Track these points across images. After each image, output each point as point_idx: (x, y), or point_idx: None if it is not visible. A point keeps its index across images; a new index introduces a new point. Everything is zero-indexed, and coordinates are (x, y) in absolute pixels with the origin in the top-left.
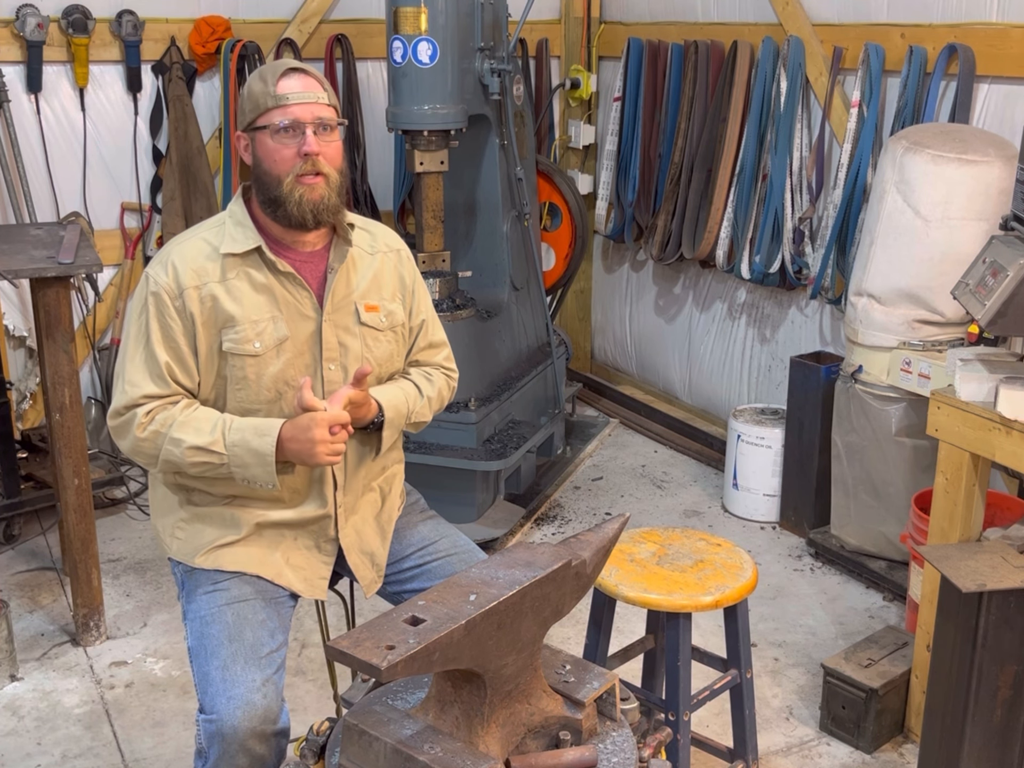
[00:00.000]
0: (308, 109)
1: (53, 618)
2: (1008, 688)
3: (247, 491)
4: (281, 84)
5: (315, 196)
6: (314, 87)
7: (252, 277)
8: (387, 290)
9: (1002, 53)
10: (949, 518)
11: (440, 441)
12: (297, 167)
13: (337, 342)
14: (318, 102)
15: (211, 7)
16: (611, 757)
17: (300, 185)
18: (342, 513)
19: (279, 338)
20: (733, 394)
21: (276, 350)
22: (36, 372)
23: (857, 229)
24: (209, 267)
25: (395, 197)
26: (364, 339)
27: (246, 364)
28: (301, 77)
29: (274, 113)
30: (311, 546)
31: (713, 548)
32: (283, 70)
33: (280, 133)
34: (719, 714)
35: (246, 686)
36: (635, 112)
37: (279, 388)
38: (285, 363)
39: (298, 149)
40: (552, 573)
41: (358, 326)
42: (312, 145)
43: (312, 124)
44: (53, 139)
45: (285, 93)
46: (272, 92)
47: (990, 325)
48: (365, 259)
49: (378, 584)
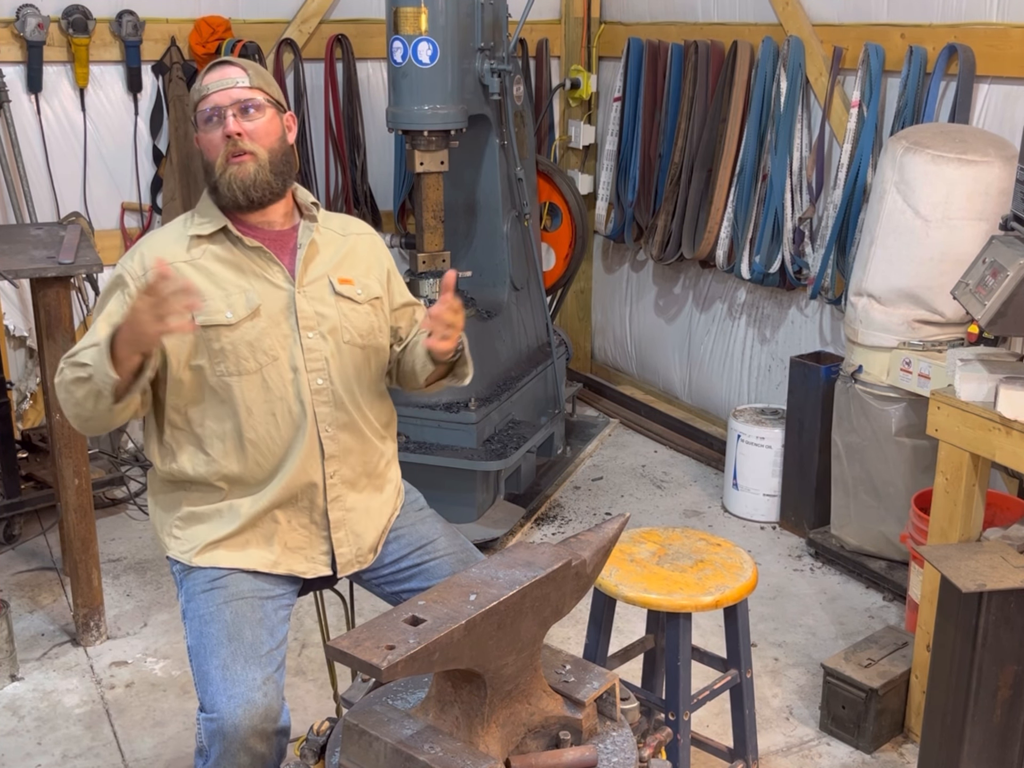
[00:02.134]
0: (226, 94)
1: (53, 618)
2: (1008, 688)
3: (236, 480)
4: (206, 78)
5: (243, 174)
6: (235, 74)
7: (219, 254)
8: (361, 266)
9: (1002, 53)
10: (949, 518)
11: (440, 441)
12: (224, 149)
13: (314, 311)
14: (236, 86)
15: (211, 7)
16: (611, 757)
17: (230, 166)
18: (333, 485)
19: (251, 307)
20: (733, 394)
21: (251, 321)
22: (36, 372)
23: (857, 229)
24: (176, 249)
25: (395, 197)
26: (341, 309)
27: (220, 335)
28: (225, 68)
29: (200, 105)
30: (306, 523)
31: (713, 548)
32: (209, 65)
33: (206, 123)
34: (719, 714)
35: (247, 684)
36: (635, 112)
37: (258, 359)
38: (260, 332)
39: (222, 132)
40: (552, 573)
41: (333, 296)
42: (230, 126)
43: (231, 107)
44: (53, 139)
45: (207, 84)
46: (198, 87)
47: (990, 325)
48: (336, 240)
49: (356, 567)
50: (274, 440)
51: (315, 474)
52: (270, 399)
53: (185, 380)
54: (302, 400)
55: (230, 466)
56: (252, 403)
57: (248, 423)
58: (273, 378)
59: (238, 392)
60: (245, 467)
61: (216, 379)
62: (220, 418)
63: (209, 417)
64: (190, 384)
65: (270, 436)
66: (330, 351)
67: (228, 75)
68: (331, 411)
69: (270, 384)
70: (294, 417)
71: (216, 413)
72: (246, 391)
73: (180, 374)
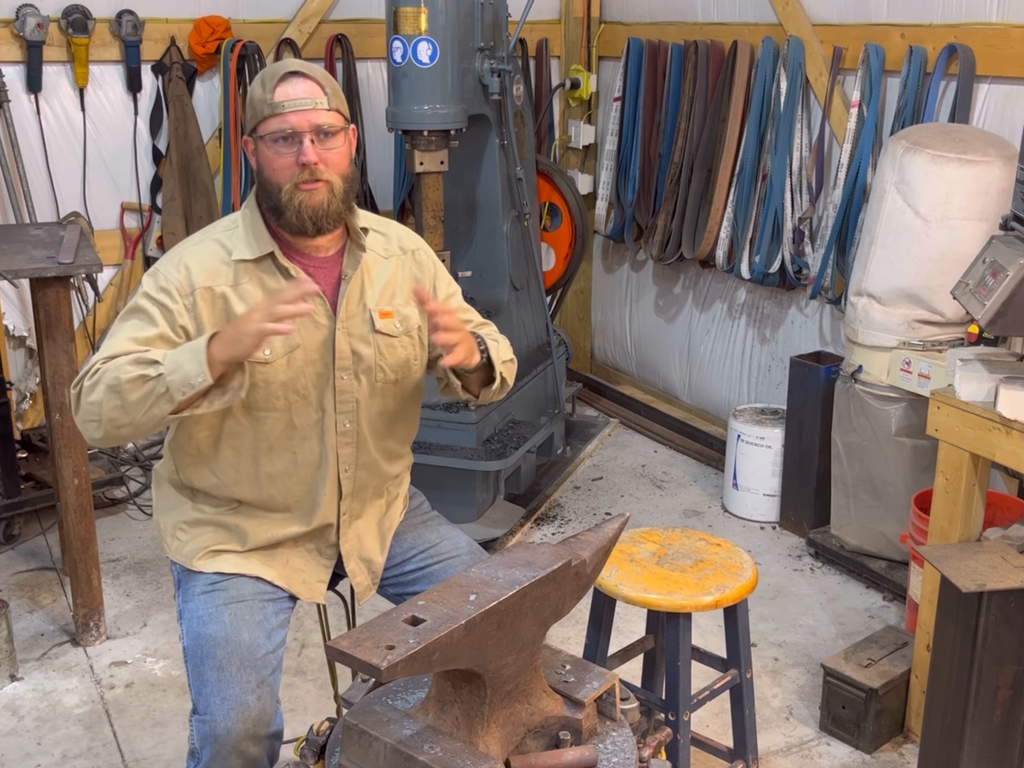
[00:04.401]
0: (304, 117)
1: (53, 618)
2: (1008, 688)
3: (248, 503)
4: (278, 91)
5: (314, 202)
6: (313, 92)
7: (264, 283)
8: (401, 295)
9: (1002, 53)
10: (949, 518)
11: (440, 441)
12: (295, 175)
13: (350, 350)
14: (316, 108)
15: (211, 7)
16: (611, 757)
17: (299, 192)
18: (346, 520)
19: (290, 346)
20: (733, 394)
21: (287, 359)
22: (36, 372)
23: (857, 229)
24: (222, 270)
25: (395, 197)
26: (378, 346)
27: (255, 370)
28: (300, 81)
29: (271, 122)
30: (312, 550)
31: (713, 548)
32: (281, 74)
33: (278, 143)
34: (719, 714)
35: (241, 687)
36: (635, 112)
37: (288, 397)
38: (296, 372)
39: (296, 158)
40: (552, 573)
41: (372, 334)
42: (309, 155)
43: (310, 132)
44: (53, 139)
45: (281, 100)
46: (269, 100)
47: (990, 325)
48: (379, 264)
49: (372, 591)
50: (291, 477)
51: (331, 515)
52: (293, 437)
53: None
54: (325, 443)
55: (242, 492)
56: (275, 440)
57: (267, 458)
58: (300, 418)
59: (262, 428)
60: (258, 496)
61: (242, 411)
62: (238, 450)
63: (226, 447)
64: (215, 412)
65: (287, 473)
66: (362, 393)
67: (306, 92)
68: (353, 451)
69: (296, 423)
70: (314, 458)
71: (235, 444)
72: (270, 428)
73: None
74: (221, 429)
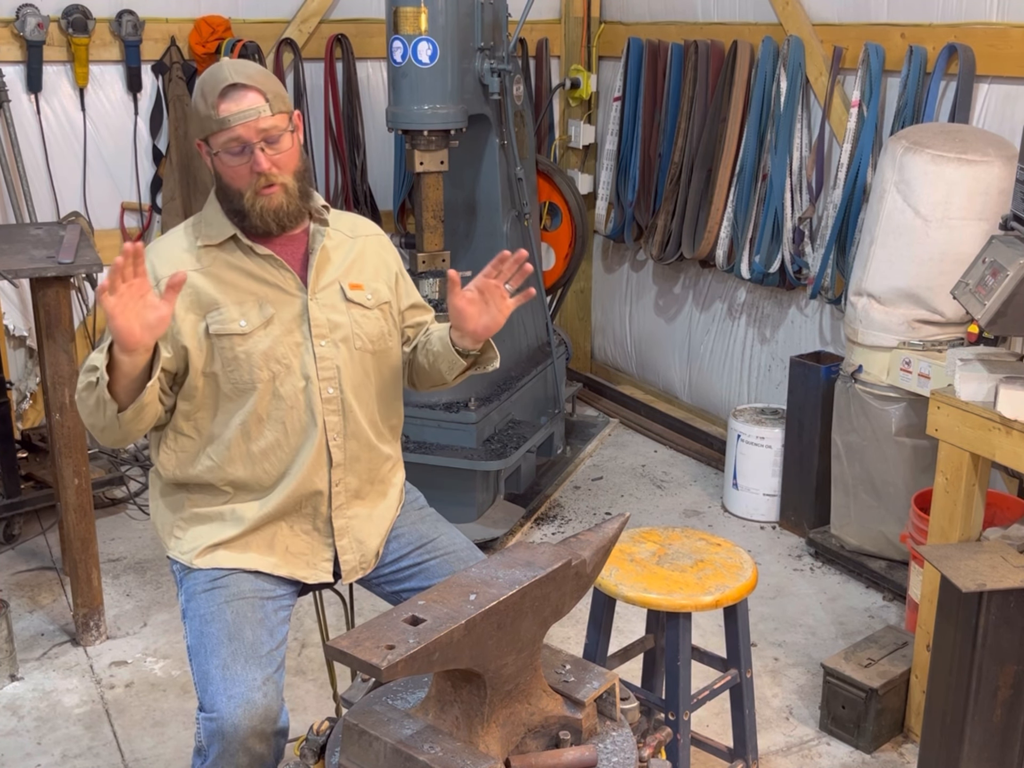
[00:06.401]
0: (250, 128)
1: (53, 618)
2: (1008, 688)
3: (242, 486)
4: (222, 107)
5: (273, 205)
6: (255, 102)
7: (231, 262)
8: (370, 270)
9: (1002, 53)
10: (949, 518)
11: (440, 441)
12: (254, 182)
13: (325, 319)
14: (260, 117)
15: (211, 7)
16: (611, 757)
17: (260, 197)
18: (339, 492)
19: (265, 317)
20: (733, 394)
21: (264, 329)
22: (36, 372)
23: (857, 229)
24: (185, 258)
25: (395, 197)
26: (353, 317)
27: (234, 343)
28: (242, 95)
29: (219, 136)
30: (309, 529)
31: (713, 548)
32: (220, 89)
33: (230, 155)
34: (719, 714)
35: (247, 684)
36: (635, 112)
37: (271, 368)
38: (274, 341)
39: (250, 167)
40: (552, 573)
41: (344, 303)
42: (262, 164)
43: (259, 141)
44: (53, 139)
45: (226, 116)
46: (214, 116)
47: (990, 325)
48: (346, 242)
49: (360, 573)
50: (282, 448)
51: (321, 483)
52: (281, 408)
53: (199, 387)
54: (312, 409)
55: (236, 472)
56: (263, 412)
57: (257, 431)
58: (285, 387)
59: (250, 401)
60: (252, 473)
61: (230, 387)
62: (229, 425)
63: (218, 424)
64: (203, 391)
65: (279, 444)
66: (342, 359)
67: (248, 104)
68: (340, 420)
69: (282, 393)
70: (303, 426)
71: (226, 420)
72: (258, 400)
73: (195, 381)
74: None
